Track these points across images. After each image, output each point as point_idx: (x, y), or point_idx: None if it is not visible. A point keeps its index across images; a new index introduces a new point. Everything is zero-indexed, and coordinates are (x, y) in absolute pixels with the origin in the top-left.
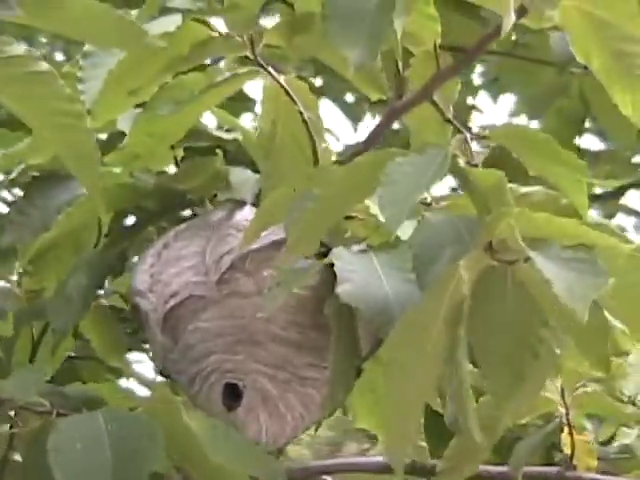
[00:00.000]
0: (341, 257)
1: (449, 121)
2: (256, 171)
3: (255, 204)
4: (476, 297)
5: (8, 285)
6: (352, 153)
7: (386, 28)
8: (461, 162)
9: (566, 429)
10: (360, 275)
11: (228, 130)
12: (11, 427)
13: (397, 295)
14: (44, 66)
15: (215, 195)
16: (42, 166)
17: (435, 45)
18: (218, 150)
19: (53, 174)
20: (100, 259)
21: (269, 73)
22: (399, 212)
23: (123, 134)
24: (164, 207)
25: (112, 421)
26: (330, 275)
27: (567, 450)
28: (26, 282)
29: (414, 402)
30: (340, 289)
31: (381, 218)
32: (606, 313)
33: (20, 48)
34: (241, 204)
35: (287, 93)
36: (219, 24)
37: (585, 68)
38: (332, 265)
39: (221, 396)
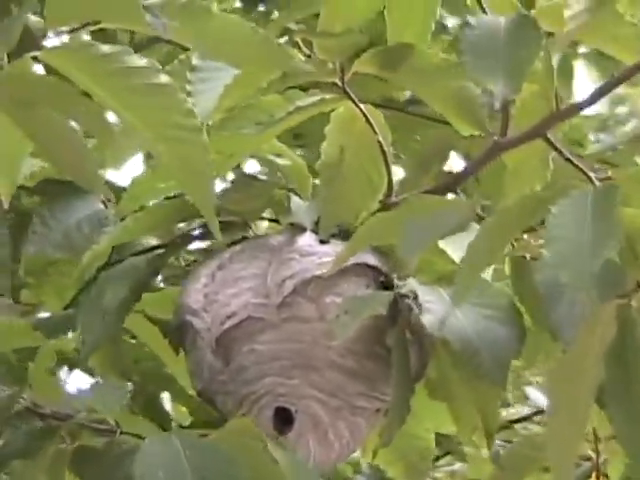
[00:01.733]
0: (417, 288)
1: (569, 160)
2: None
3: (314, 230)
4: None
5: (5, 299)
6: (441, 186)
7: (529, 63)
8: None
9: (594, 474)
10: (437, 307)
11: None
12: None
13: (475, 329)
14: (165, 78)
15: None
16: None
17: (553, 84)
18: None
19: (73, 186)
20: (140, 273)
21: (353, 100)
22: (582, 280)
23: None
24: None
25: (190, 450)
26: (391, 305)
27: None
28: (24, 296)
29: (574, 437)
30: (425, 319)
31: (452, 254)
32: None
33: (141, 60)
34: (301, 230)
35: (368, 122)
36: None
37: None
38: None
39: (271, 420)
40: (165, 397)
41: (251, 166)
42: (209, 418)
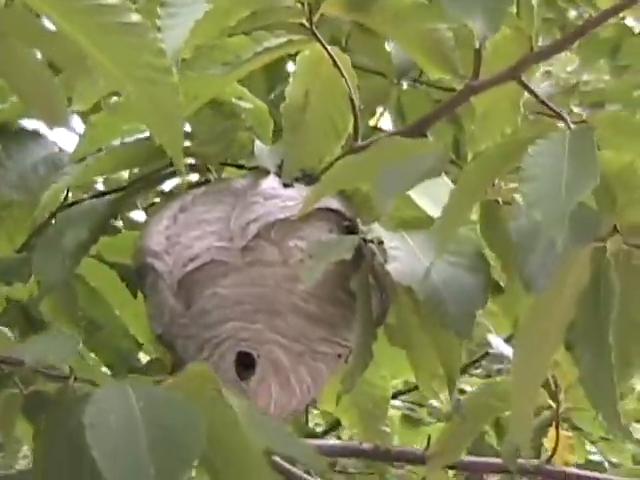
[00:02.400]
0: (382, 235)
1: (544, 102)
2: None
3: (278, 174)
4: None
5: None
6: (411, 128)
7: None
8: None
9: (554, 423)
10: (403, 254)
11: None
12: None
13: (441, 277)
14: (136, 17)
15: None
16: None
17: (532, 25)
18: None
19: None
20: (99, 215)
21: (322, 44)
22: (557, 219)
23: None
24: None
25: (143, 398)
26: (356, 250)
27: (549, 444)
28: None
29: (537, 384)
30: (391, 267)
31: (417, 199)
32: None
33: None
34: (265, 173)
35: (336, 65)
36: None
37: (414, 81)
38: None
39: (233, 365)
40: None
41: None
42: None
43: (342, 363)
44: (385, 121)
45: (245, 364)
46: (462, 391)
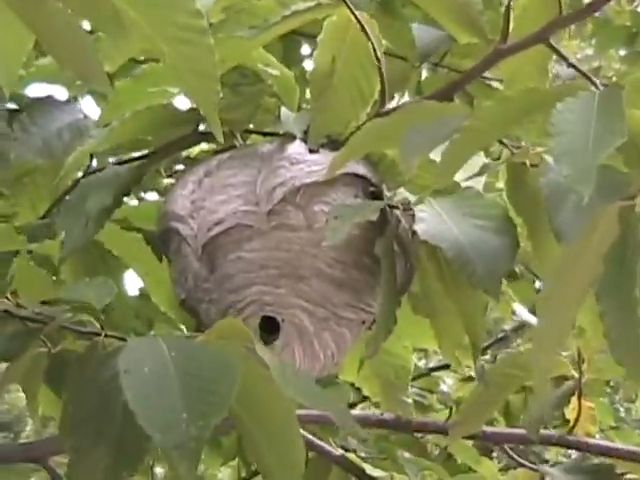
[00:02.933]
0: (409, 199)
1: (573, 66)
2: None
3: (304, 139)
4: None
5: None
6: (441, 92)
7: None
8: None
9: (575, 393)
10: (430, 217)
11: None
12: None
13: (467, 238)
14: None
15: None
16: None
17: None
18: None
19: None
20: (122, 181)
21: (349, 6)
22: (585, 172)
23: None
24: (194, 135)
25: (175, 350)
26: (380, 216)
27: (572, 415)
28: None
29: (562, 337)
30: (418, 228)
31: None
32: None
33: None
34: (291, 139)
35: (364, 30)
36: None
37: (435, 65)
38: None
39: (257, 329)
40: None
41: None
42: None
43: (365, 329)
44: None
45: (269, 329)
46: None
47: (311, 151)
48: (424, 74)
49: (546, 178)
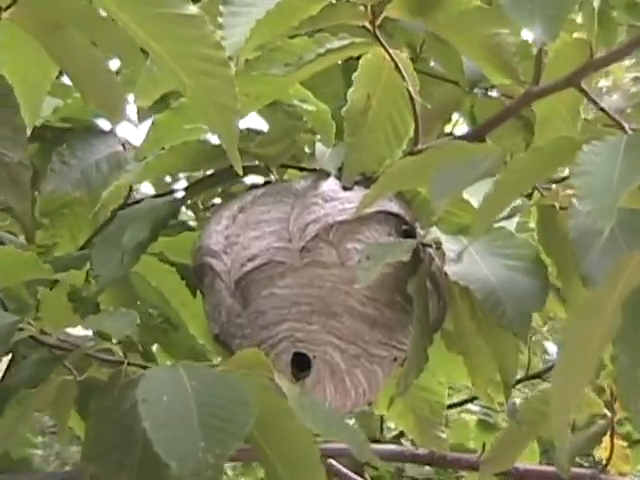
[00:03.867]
0: (441, 237)
1: (602, 109)
2: None
3: (338, 176)
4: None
5: (20, 240)
6: (474, 132)
7: (570, 7)
8: None
9: (608, 432)
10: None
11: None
12: None
13: (499, 279)
14: (193, 9)
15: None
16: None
17: (591, 33)
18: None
19: (92, 127)
20: (159, 214)
21: (382, 45)
22: (606, 207)
23: None
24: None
25: (195, 379)
26: (414, 254)
27: (604, 453)
28: (39, 236)
29: (582, 383)
30: (449, 269)
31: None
32: None
33: None
34: (325, 175)
35: (397, 68)
36: None
37: (485, 90)
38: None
39: (289, 365)
40: None
41: None
42: None
43: (397, 367)
44: (460, 127)
45: (301, 365)
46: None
47: (345, 188)
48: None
49: (574, 221)
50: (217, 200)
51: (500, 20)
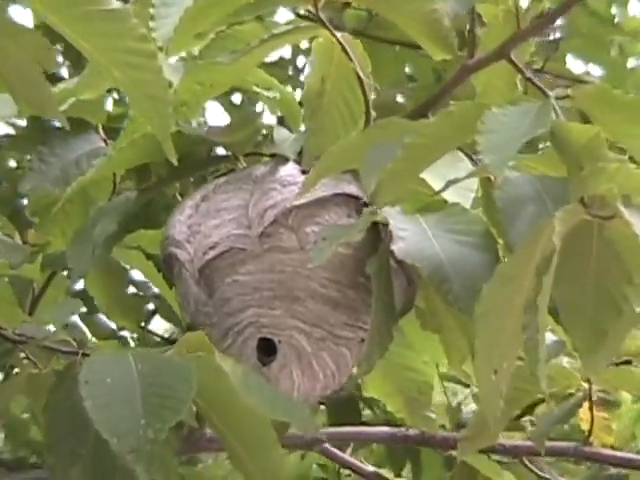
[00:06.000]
0: (392, 216)
1: (529, 80)
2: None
3: (297, 161)
4: (564, 251)
5: (15, 240)
6: (417, 109)
7: None
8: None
9: (586, 404)
10: (411, 235)
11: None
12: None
13: (448, 255)
14: (117, 4)
15: (249, 153)
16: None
17: (517, 4)
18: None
19: (74, 125)
20: (129, 208)
21: (328, 28)
22: (503, 156)
23: None
24: (201, 160)
25: (142, 362)
26: (372, 234)
27: (585, 426)
28: (31, 236)
29: (505, 353)
30: (395, 247)
31: (432, 182)
32: None
33: None
34: (284, 160)
35: (344, 49)
36: None
37: (536, 71)
38: (374, 225)
39: (255, 351)
40: None
41: None
42: None
43: None
44: None
45: (269, 350)
46: None
47: (304, 172)
48: None
49: (501, 191)
50: None
51: None
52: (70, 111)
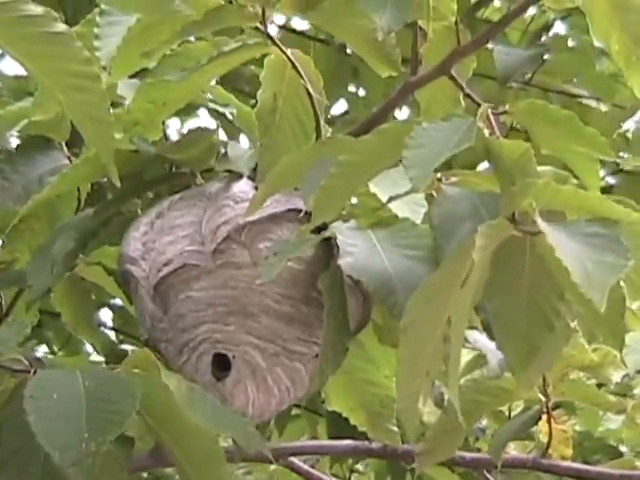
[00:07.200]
0: (342, 232)
1: (468, 96)
2: None
3: (251, 177)
4: (495, 267)
5: None
6: (361, 126)
7: None
8: (486, 133)
9: (544, 417)
10: (360, 250)
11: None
12: None
13: (396, 269)
14: (62, 27)
15: (208, 169)
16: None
17: (456, 20)
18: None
19: (38, 142)
20: (87, 225)
21: (277, 45)
22: (426, 170)
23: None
24: (158, 176)
25: (90, 379)
26: (325, 250)
27: (543, 438)
28: None
29: (427, 368)
30: (342, 262)
31: (381, 197)
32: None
33: (38, 8)
34: (238, 177)
35: (294, 66)
36: None
37: (524, 84)
38: (327, 240)
39: (210, 366)
40: None
41: None
42: None
43: None
44: None
45: (223, 366)
46: None
47: (257, 188)
48: None
49: (438, 208)
50: None
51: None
52: (32, 129)
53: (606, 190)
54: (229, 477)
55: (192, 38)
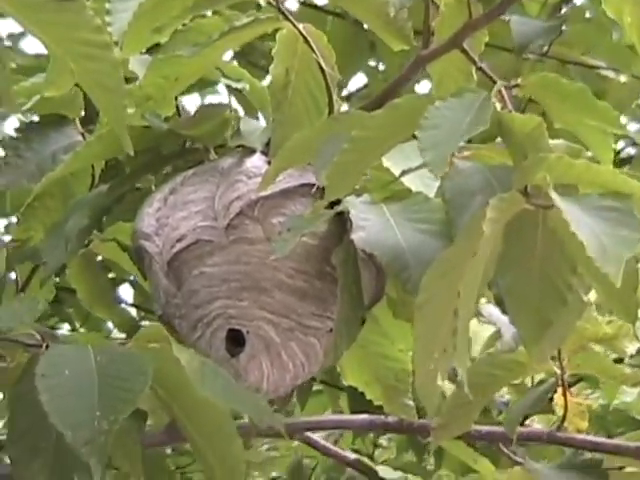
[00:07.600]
0: (355, 206)
1: (480, 69)
2: None
3: (265, 152)
4: (507, 241)
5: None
6: (374, 100)
7: None
8: (498, 107)
9: (560, 390)
10: (373, 224)
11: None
12: None
13: (409, 243)
14: None
15: (221, 145)
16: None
17: None
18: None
19: (52, 119)
20: (101, 201)
21: (289, 20)
22: (442, 155)
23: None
24: (172, 152)
25: (102, 354)
26: (338, 224)
27: (559, 411)
28: (13, 231)
29: (444, 343)
30: (355, 236)
31: (394, 171)
32: None
33: None
34: (251, 152)
35: (306, 41)
36: None
37: (542, 55)
38: (341, 215)
39: (224, 342)
40: None
41: None
42: None
43: None
44: None
45: (238, 342)
46: None
47: (270, 163)
48: None
49: (450, 182)
50: None
51: None
52: (45, 106)
53: (626, 161)
54: (242, 451)
55: (205, 13)
